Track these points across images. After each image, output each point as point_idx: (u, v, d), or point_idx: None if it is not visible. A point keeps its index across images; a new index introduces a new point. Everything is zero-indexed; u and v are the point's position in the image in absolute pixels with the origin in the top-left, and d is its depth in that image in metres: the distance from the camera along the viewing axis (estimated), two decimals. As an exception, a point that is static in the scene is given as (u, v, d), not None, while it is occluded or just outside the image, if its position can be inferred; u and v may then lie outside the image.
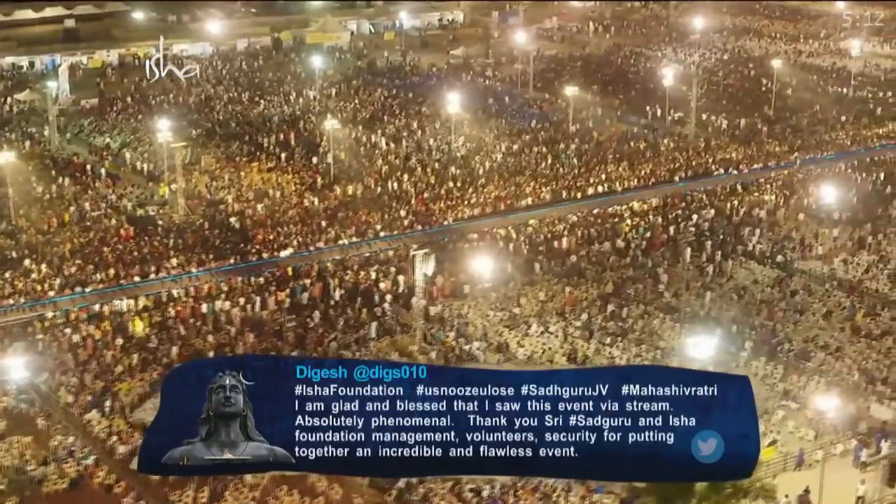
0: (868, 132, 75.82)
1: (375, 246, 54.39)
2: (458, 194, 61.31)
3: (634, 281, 51.06)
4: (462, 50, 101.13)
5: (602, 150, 70.01)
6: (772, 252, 54.73)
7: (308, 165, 67.02)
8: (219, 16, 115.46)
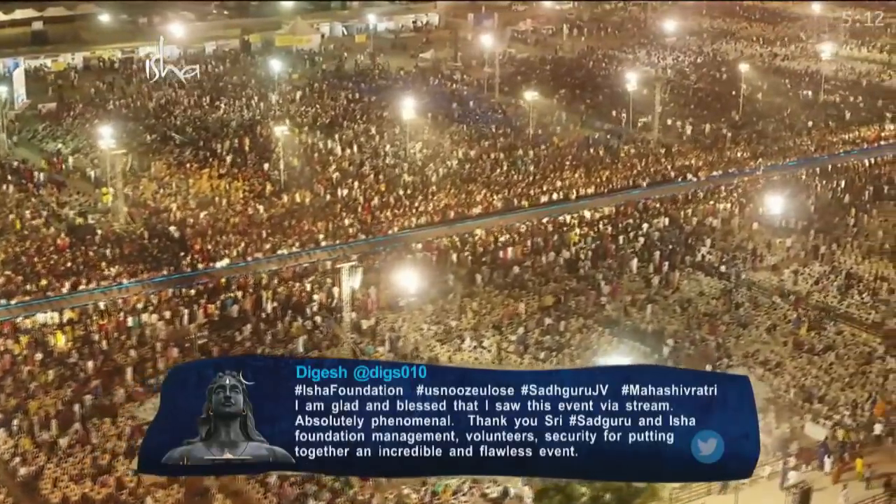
0: (834, 138, 74.53)
1: (315, 256, 53.16)
2: (407, 203, 60.12)
3: (577, 293, 49.89)
4: (431, 53, 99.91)
5: (560, 157, 68.77)
6: (721, 263, 53.53)
7: (260, 172, 65.82)
8: (191, 18, 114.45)
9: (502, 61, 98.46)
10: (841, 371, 43.14)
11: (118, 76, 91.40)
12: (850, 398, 40.91)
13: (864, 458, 37.06)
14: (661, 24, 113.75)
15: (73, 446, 37.08)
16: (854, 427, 38.99)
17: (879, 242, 56.58)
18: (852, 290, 50.77)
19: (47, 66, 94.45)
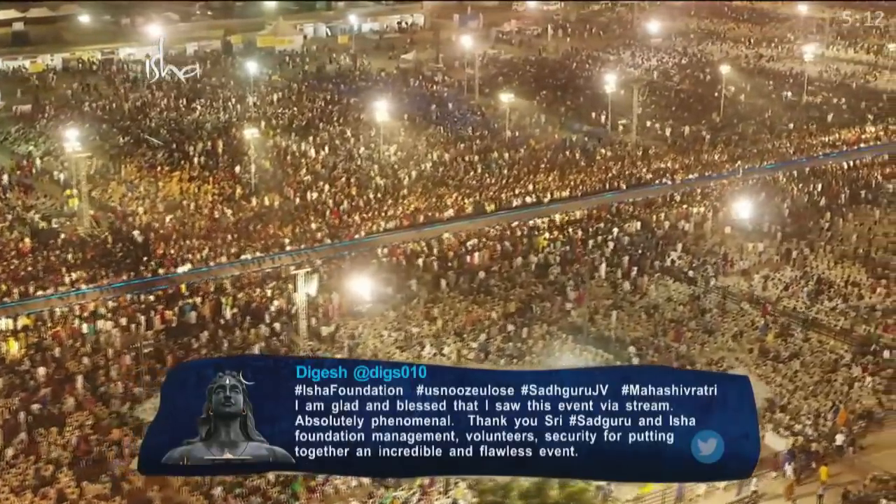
0: (813, 140, 73.76)
1: (279, 261, 52.42)
2: (376, 206, 59.40)
3: (542, 299, 49.14)
4: (413, 54, 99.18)
5: (535, 160, 68.03)
6: (691, 268, 52.79)
7: (231, 175, 65.11)
8: (174, 19, 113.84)
9: (485, 62, 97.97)
10: (806, 379, 42.41)
11: (96, 77, 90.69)
12: (812, 407, 40.18)
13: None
14: (647, 24, 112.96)
15: (17, 457, 36.38)
16: (815, 437, 38.27)
17: (853, 247, 55.81)
18: (822, 295, 50.00)
19: (25, 67, 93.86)
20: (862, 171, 67.74)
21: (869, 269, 53.07)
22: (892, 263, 53.78)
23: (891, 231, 58.34)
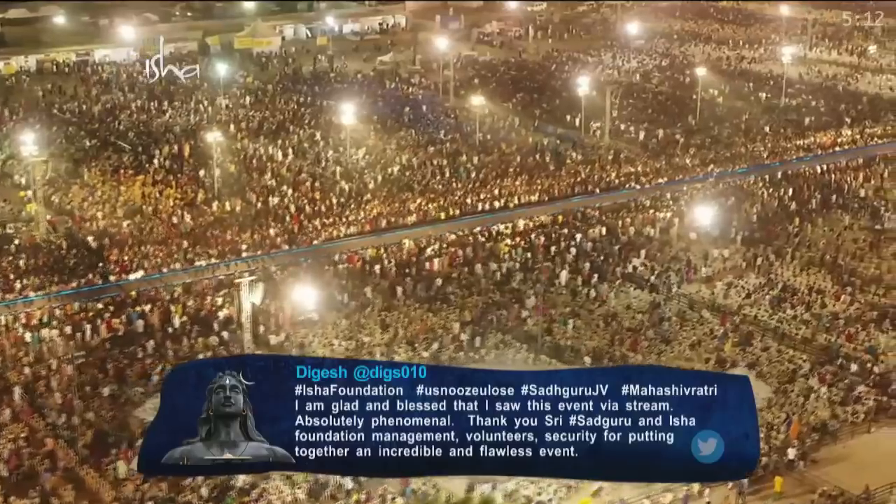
0: (788, 144, 72.83)
1: (233, 268, 51.51)
2: (338, 211, 58.54)
3: (499, 307, 48.27)
4: (391, 56, 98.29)
5: (504, 164, 67.12)
6: (653, 275, 51.88)
7: (195, 179, 64.23)
8: (154, 20, 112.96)
9: (463, 64, 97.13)
10: (761, 390, 41.45)
11: (69, 79, 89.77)
12: (765, 419, 39.27)
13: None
14: (630, 26, 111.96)
15: (-54, 470, 35.57)
16: (766, 451, 37.37)
17: (820, 253, 54.91)
18: (785, 303, 49.12)
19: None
20: (835, 176, 66.75)
21: (835, 276, 52.19)
22: (859, 271, 52.88)
23: (860, 237, 57.48)
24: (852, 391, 41.13)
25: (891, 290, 50.64)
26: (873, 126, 77.26)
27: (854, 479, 36.17)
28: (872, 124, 77.73)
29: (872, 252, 55.30)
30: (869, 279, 51.97)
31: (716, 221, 57.66)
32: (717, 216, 58.38)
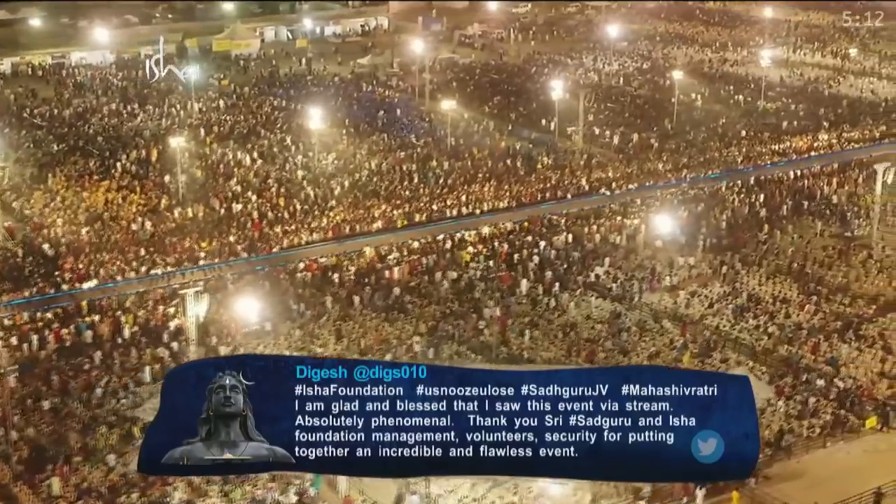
0: (764, 148, 71.96)
1: (189, 276, 50.70)
2: (301, 218, 57.73)
3: (457, 316, 47.46)
4: (369, 59, 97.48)
5: (474, 169, 66.29)
6: (616, 283, 51.06)
7: (160, 185, 63.44)
8: (134, 22, 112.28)
9: (443, 67, 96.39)
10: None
11: (44, 83, 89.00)
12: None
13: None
14: (615, 27, 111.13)
15: None
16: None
17: (788, 261, 54.10)
18: (748, 313, 48.29)
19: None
20: (808, 181, 65.92)
21: (801, 285, 51.38)
22: (826, 279, 52.06)
23: (830, 244, 56.65)
24: (807, 405, 40.29)
25: (857, 300, 49.77)
26: (851, 130, 76.36)
27: (806, 496, 35.34)
28: (850, 128, 76.84)
29: (841, 260, 54.44)
30: (836, 288, 51.14)
31: (683, 228, 56.98)
32: (686, 223, 57.74)
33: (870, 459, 38.25)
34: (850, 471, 37.30)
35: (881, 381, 42.46)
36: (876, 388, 41.87)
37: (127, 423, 38.56)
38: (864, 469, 37.34)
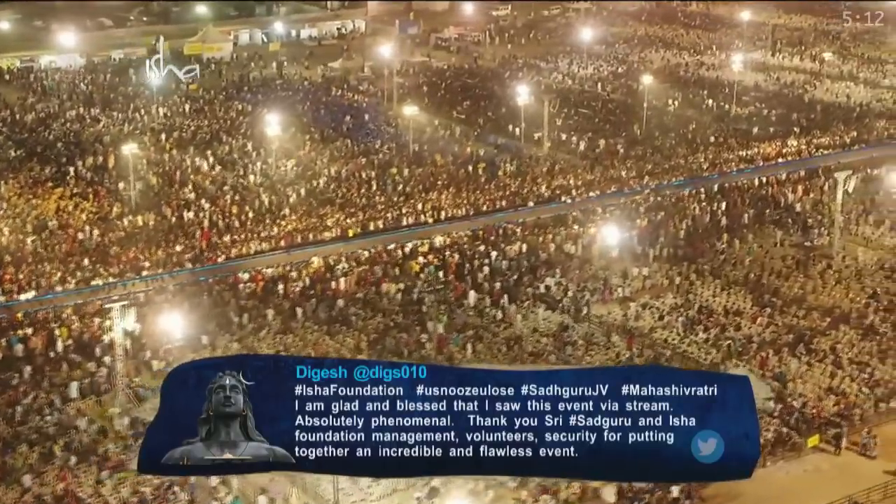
0: (731, 155, 70.91)
1: (131, 288, 49.73)
2: (252, 227, 56.75)
3: (401, 329, 46.46)
4: (340, 62, 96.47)
5: (433, 176, 65.26)
6: (566, 295, 50.02)
7: (115, 192, 62.44)
8: (109, 24, 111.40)
9: (416, 70, 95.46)
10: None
11: (11, 87, 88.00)
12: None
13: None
14: (594, 30, 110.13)
15: None
16: (650, 488, 35.58)
17: (745, 272, 53.08)
18: (698, 325, 47.27)
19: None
20: (773, 189, 64.84)
21: (756, 296, 50.36)
22: (782, 290, 51.02)
23: (789, 254, 55.62)
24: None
25: (812, 312, 48.74)
26: (821, 136, 75.30)
27: (741, 518, 34.48)
28: (821, 134, 75.78)
29: (799, 270, 53.41)
30: (791, 299, 50.12)
31: (641, 238, 55.98)
32: (644, 232, 56.74)
33: (811, 480, 37.34)
34: (790, 492, 36.40)
35: (828, 398, 41.44)
36: (822, 405, 40.83)
37: (48, 442, 37.61)
38: (804, 490, 36.52)
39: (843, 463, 38.21)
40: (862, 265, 54.40)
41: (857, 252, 56.06)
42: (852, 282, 52.15)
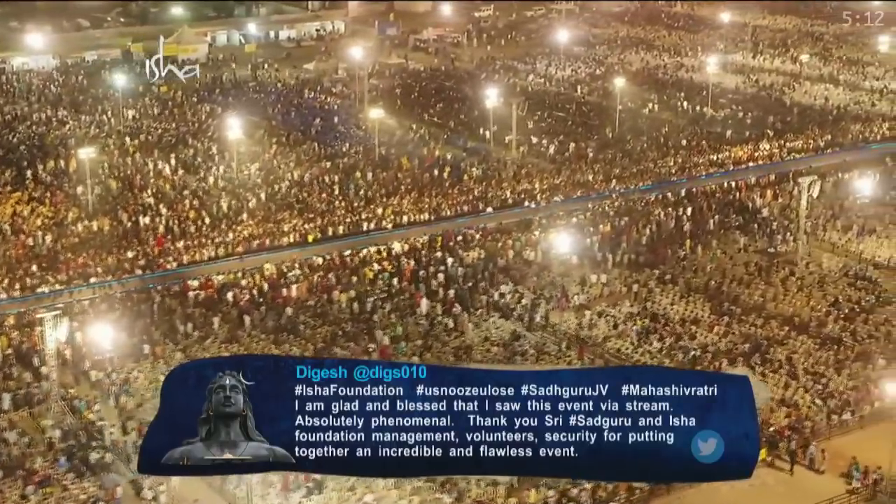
0: (701, 159, 69.95)
1: (79, 294, 48.83)
2: (207, 232, 55.84)
3: (349, 339, 45.56)
4: (314, 64, 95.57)
5: (398, 180, 64.34)
6: (520, 303, 49.09)
7: (73, 196, 61.52)
8: (86, 25, 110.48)
9: (392, 72, 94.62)
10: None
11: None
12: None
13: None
14: (572, 32, 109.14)
15: None
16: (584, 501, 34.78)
17: (706, 279, 52.15)
18: (653, 334, 46.36)
19: None
20: (741, 194, 63.90)
21: (714, 304, 49.45)
22: (742, 298, 50.12)
23: (753, 261, 54.70)
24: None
25: (771, 320, 47.85)
26: (795, 139, 74.34)
27: (681, 535, 33.60)
28: (795, 137, 74.82)
29: (761, 277, 52.50)
30: (751, 307, 49.22)
31: (602, 243, 55.08)
32: (606, 238, 55.81)
33: (756, 495, 36.28)
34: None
35: (780, 410, 40.53)
36: (773, 417, 39.93)
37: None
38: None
39: (789, 478, 37.34)
40: (826, 272, 53.50)
41: (823, 258, 55.15)
42: (814, 289, 51.24)
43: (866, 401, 40.99)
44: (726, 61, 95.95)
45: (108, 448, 37.19)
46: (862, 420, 40.31)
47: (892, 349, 45.39)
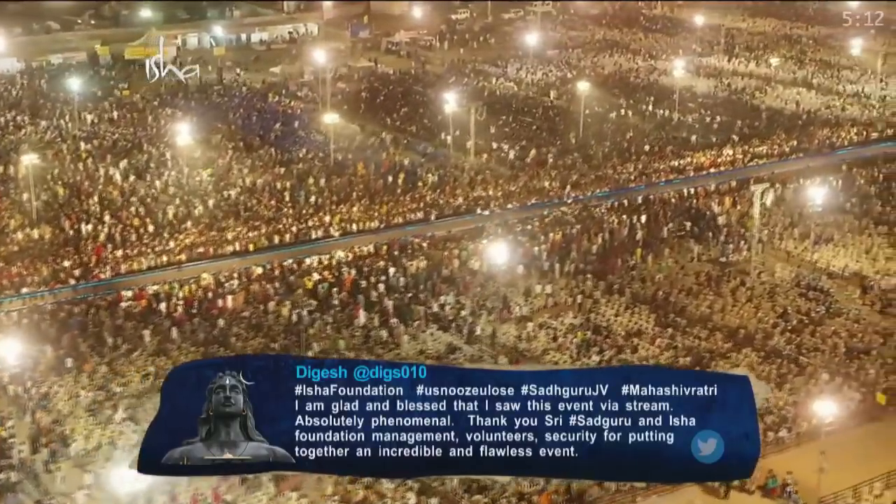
0: (662, 165, 68.83)
1: (9, 306, 47.73)
2: (148, 240, 54.75)
3: (284, 350, 44.43)
4: (280, 68, 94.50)
5: (350, 187, 63.21)
6: (460, 314, 47.98)
7: (17, 203, 60.47)
8: (56, 28, 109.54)
9: (361, 76, 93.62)
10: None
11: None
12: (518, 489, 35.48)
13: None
14: (551, 34, 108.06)
15: None
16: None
17: (654, 289, 51.03)
18: (593, 347, 45.24)
19: None
20: (698, 201, 62.77)
21: (659, 315, 48.34)
22: (689, 309, 49.00)
23: (704, 270, 53.59)
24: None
25: (715, 333, 46.72)
26: (760, 145, 73.24)
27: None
28: (761, 143, 73.72)
29: (710, 288, 51.38)
30: (697, 319, 48.11)
31: (551, 252, 53.96)
32: (555, 246, 54.69)
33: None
34: (658, 530, 34.46)
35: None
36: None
37: None
38: (673, 528, 34.55)
39: (716, 499, 36.24)
40: (778, 282, 52.39)
41: (776, 268, 54.03)
42: (764, 300, 50.11)
43: (804, 417, 39.88)
44: (700, 64, 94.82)
45: (16, 467, 36.08)
46: (798, 437, 39.22)
47: (838, 362, 44.30)
